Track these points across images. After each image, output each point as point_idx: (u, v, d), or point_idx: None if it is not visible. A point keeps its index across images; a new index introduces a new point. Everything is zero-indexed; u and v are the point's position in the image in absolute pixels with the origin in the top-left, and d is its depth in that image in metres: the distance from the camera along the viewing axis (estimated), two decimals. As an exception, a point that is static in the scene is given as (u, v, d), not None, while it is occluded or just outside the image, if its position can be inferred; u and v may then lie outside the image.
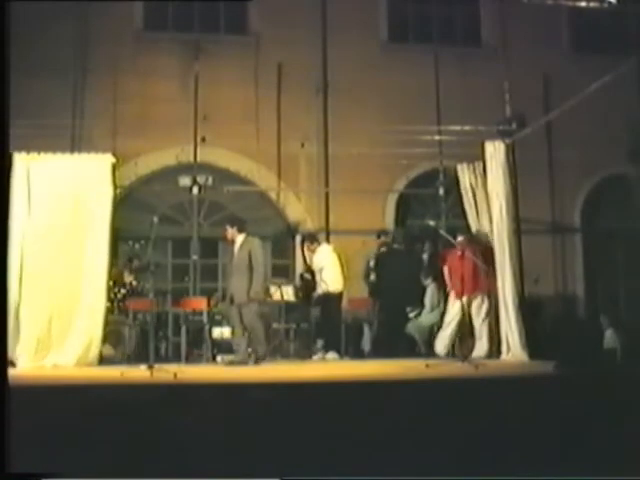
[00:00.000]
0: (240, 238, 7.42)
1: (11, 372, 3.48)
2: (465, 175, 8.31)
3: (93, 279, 7.21)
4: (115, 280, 8.41)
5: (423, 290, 8.93)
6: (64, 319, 7.13)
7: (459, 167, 8.41)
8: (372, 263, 9.10)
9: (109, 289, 8.40)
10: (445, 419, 3.79)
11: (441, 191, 8.82)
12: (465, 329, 8.03)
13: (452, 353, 8.04)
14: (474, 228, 8.18)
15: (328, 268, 8.56)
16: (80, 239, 7.28)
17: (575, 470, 3.26)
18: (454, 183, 8.63)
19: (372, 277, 9.09)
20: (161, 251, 10.15)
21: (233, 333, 7.58)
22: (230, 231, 7.48)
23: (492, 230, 7.89)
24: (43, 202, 7.27)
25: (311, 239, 8.96)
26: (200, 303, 8.55)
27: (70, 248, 7.23)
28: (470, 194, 8.26)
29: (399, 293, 8.80)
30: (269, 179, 10.66)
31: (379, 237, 9.45)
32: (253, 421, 3.71)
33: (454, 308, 8.25)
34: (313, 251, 8.78)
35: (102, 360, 7.57)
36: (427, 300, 8.89)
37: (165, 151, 10.31)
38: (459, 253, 8.13)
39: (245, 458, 3.44)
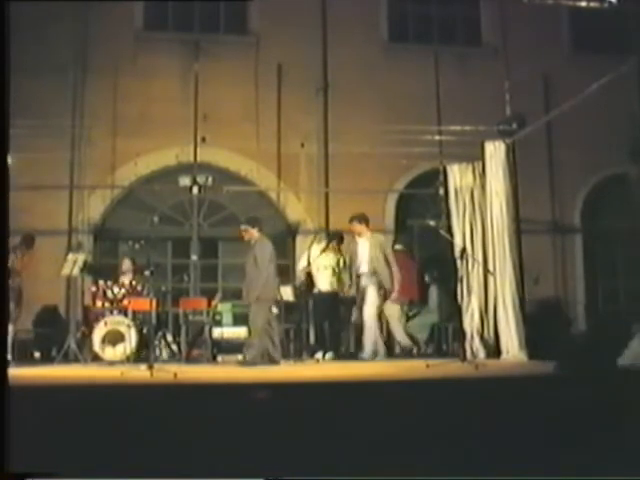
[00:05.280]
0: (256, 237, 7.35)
1: (11, 372, 3.47)
2: (456, 175, 8.27)
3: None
4: (115, 280, 8.41)
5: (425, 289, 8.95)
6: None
7: (448, 168, 8.38)
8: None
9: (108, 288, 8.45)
10: (445, 419, 3.79)
11: (441, 191, 8.80)
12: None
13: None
14: (457, 230, 8.08)
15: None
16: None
17: (575, 470, 3.26)
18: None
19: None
20: (161, 251, 10.15)
21: (250, 333, 7.51)
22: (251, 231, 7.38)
23: (492, 230, 7.88)
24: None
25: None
26: (200, 303, 8.55)
27: None
28: (460, 195, 8.21)
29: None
30: (269, 179, 10.66)
31: None
32: (253, 421, 3.71)
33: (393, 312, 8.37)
34: (340, 250, 8.53)
35: (102, 360, 7.60)
36: (430, 299, 8.90)
37: (165, 151, 10.32)
38: (404, 259, 8.27)
39: (245, 458, 3.44)
